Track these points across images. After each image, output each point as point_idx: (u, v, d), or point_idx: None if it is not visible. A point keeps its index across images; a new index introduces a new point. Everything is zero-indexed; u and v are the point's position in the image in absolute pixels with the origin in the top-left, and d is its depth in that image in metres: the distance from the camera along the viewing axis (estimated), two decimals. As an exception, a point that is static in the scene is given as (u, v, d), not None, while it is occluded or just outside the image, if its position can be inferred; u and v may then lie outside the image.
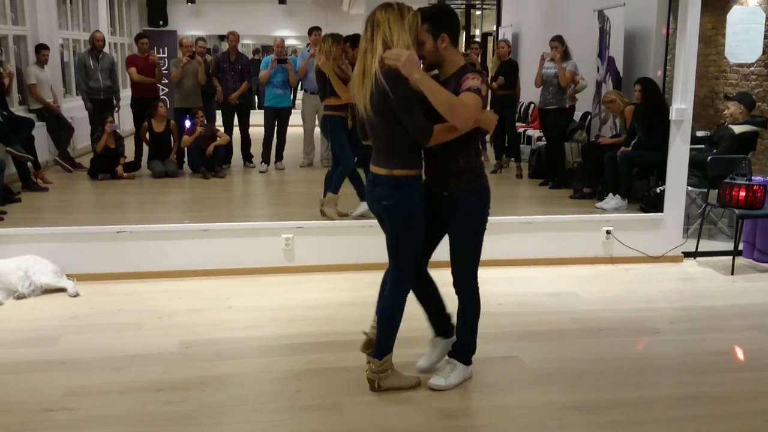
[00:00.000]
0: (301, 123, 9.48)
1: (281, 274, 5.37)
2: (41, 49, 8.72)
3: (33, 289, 4.78)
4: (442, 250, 3.48)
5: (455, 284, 3.45)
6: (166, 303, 4.74)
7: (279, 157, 9.16)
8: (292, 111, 9.36)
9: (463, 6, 15.89)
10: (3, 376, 3.63)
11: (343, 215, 5.98)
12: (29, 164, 7.55)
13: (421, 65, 3.25)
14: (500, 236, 5.54)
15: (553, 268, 5.55)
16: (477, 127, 3.19)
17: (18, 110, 8.39)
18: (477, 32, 16.53)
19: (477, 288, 3.49)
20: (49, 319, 4.40)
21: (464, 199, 3.27)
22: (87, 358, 3.84)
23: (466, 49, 11.29)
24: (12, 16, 8.94)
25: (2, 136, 7.36)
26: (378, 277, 5.16)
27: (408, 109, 3.05)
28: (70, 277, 4.94)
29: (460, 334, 3.58)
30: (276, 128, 9.07)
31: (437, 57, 3.19)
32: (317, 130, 9.51)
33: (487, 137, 10.25)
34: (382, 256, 5.35)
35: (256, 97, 14.04)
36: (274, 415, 3.28)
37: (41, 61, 8.69)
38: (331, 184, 6.00)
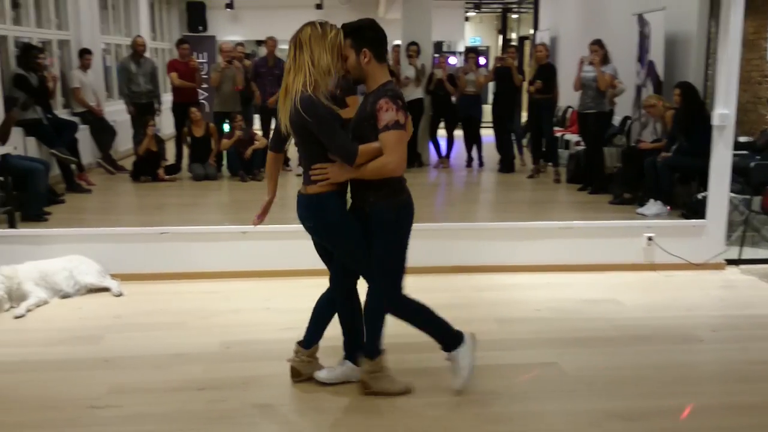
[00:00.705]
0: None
1: (318, 277, 5.36)
2: (84, 53, 8.92)
3: (78, 289, 4.88)
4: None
5: (383, 303, 3.41)
6: (207, 303, 4.80)
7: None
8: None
9: (500, 10, 15.85)
10: (50, 374, 3.71)
11: None
12: (73, 166, 7.73)
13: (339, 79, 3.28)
14: (538, 242, 5.51)
15: (592, 275, 5.47)
16: None
17: (62, 113, 8.59)
18: (513, 36, 16.44)
19: (401, 298, 3.41)
20: (94, 318, 4.49)
21: (383, 217, 3.25)
22: (130, 357, 3.91)
23: (502, 53, 11.25)
24: (56, 21, 9.15)
25: (47, 138, 7.56)
26: (417, 281, 5.20)
27: (328, 132, 3.07)
28: (114, 277, 5.03)
29: (430, 335, 3.53)
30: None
31: (360, 72, 3.18)
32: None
33: (524, 141, 10.23)
34: (419, 260, 5.41)
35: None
36: (314, 416, 3.30)
37: (84, 66, 8.89)
38: None
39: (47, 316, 4.56)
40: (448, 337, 3.48)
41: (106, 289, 4.94)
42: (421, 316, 3.45)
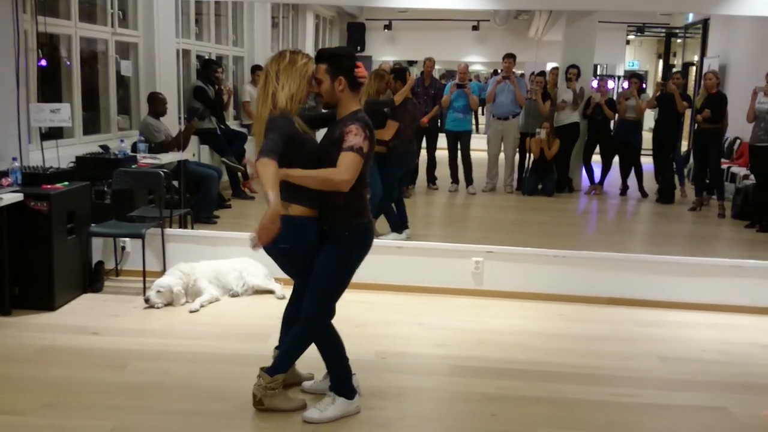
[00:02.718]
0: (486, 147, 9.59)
1: (468, 297, 5.42)
2: (256, 69, 9.46)
3: (246, 289, 5.19)
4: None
5: (303, 314, 3.35)
6: (361, 313, 4.93)
7: (469, 180, 9.28)
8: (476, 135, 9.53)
9: (663, 33, 15.24)
10: (221, 366, 3.98)
11: (378, 235, 6.09)
12: (239, 174, 8.24)
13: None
14: (705, 279, 5.24)
15: (766, 318, 5.11)
16: (360, 174, 3.16)
17: (232, 125, 9.20)
18: (676, 61, 15.74)
19: (324, 323, 3.38)
20: (260, 318, 4.75)
21: (337, 233, 3.26)
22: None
23: (662, 78, 10.82)
24: (233, 38, 9.85)
25: (219, 147, 8.13)
26: (566, 309, 5.13)
27: (268, 134, 3.07)
28: (277, 280, 5.30)
29: (328, 369, 3.49)
30: (460, 152, 9.26)
31: (333, 97, 3.23)
32: (502, 155, 9.59)
33: (686, 171, 9.74)
34: (573, 288, 5.32)
35: (438, 120, 14.40)
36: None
37: (255, 81, 9.43)
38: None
39: (218, 313, 4.89)
40: (341, 383, 3.45)
41: (270, 291, 5.21)
42: (333, 347, 3.44)
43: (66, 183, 4.93)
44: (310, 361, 3.61)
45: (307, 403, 3.50)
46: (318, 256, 3.27)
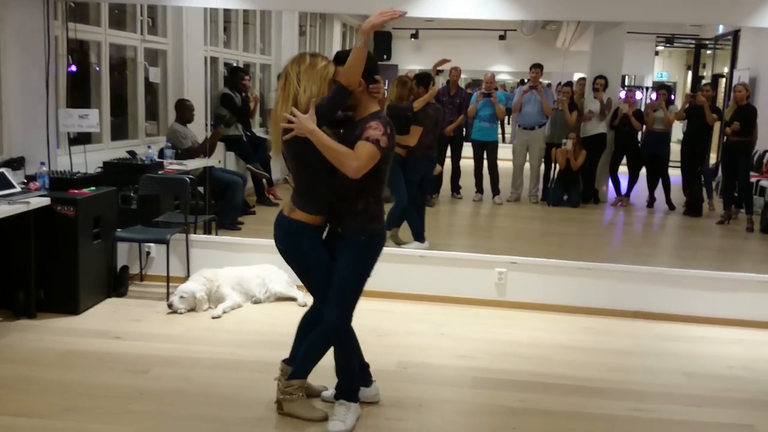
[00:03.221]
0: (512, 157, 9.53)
1: (491, 308, 5.38)
2: (282, 77, 9.57)
3: (268, 296, 5.20)
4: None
5: (325, 321, 3.33)
6: (383, 322, 4.93)
7: (495, 191, 9.23)
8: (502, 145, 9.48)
9: (693, 45, 15.06)
10: (242, 374, 3.98)
11: (401, 243, 6.30)
12: (264, 181, 8.29)
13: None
14: (732, 294, 5.15)
15: (794, 335, 5.01)
16: (379, 176, 3.22)
17: (258, 132, 9.25)
18: (705, 73, 15.55)
19: (348, 328, 3.38)
20: (282, 325, 4.73)
21: (355, 237, 3.26)
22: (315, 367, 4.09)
23: (691, 90, 10.69)
24: (261, 46, 9.92)
25: (245, 154, 8.18)
26: (591, 322, 5.07)
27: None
28: (299, 288, 5.29)
29: (339, 374, 3.47)
30: (486, 162, 9.21)
31: (353, 99, 3.21)
32: (527, 165, 9.53)
33: (714, 184, 9.60)
34: (598, 300, 5.26)
35: (464, 129, 14.36)
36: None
37: (281, 88, 9.51)
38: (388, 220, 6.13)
39: (240, 319, 4.91)
40: (351, 387, 3.46)
41: (292, 299, 5.22)
42: (350, 354, 3.45)
43: (93, 188, 4.99)
44: (323, 370, 3.59)
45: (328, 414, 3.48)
46: (336, 263, 3.28)
